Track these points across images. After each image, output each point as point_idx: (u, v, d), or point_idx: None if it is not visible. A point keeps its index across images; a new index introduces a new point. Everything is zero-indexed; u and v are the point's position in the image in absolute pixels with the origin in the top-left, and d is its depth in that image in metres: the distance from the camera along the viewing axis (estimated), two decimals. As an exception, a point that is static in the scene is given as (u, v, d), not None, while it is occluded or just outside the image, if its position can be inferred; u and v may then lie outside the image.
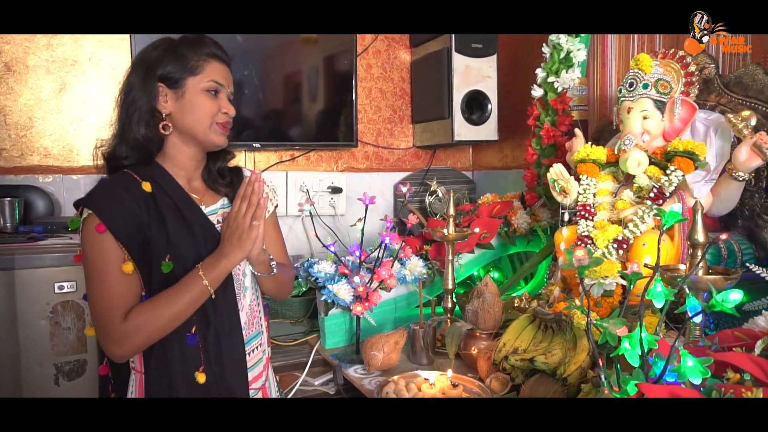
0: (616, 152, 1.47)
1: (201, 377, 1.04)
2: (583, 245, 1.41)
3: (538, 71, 1.89)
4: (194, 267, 1.03)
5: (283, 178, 2.40)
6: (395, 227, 1.69)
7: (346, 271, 1.59)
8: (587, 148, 1.50)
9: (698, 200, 1.16)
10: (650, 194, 1.38)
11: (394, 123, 2.69)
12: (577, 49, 1.81)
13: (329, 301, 1.58)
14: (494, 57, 2.38)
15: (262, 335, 1.21)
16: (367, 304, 1.53)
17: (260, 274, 1.16)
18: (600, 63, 1.96)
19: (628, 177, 1.46)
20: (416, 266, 1.70)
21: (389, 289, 1.64)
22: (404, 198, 2.52)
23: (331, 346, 1.65)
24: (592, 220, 1.45)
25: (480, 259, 1.90)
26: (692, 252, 1.10)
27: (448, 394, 1.20)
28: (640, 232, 1.35)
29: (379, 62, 2.63)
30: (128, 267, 1.00)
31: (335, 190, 2.48)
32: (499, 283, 1.95)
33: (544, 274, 1.87)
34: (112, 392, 1.13)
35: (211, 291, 1.03)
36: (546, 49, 1.87)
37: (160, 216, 1.04)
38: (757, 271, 1.26)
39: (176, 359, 1.04)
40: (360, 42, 2.52)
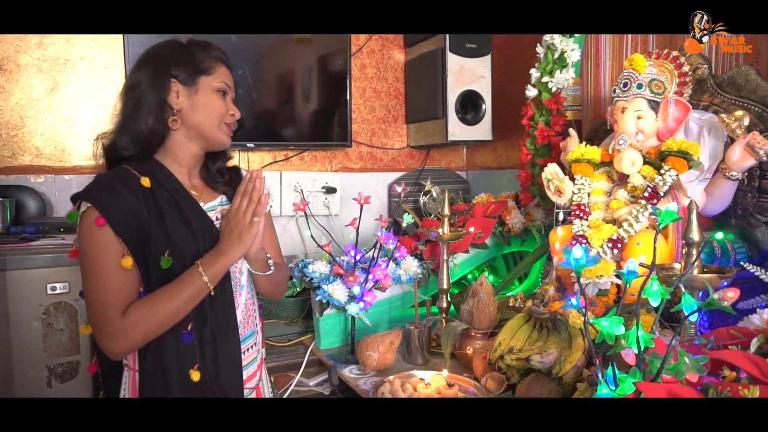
0: (611, 152, 1.47)
1: (195, 375, 1.03)
2: (578, 244, 1.41)
3: (533, 71, 1.90)
4: (193, 263, 1.03)
5: (277, 178, 2.40)
6: (390, 227, 1.69)
7: (341, 271, 1.59)
8: (582, 148, 1.51)
9: (693, 199, 1.17)
10: (644, 194, 1.39)
11: (388, 123, 2.69)
12: (571, 50, 1.81)
13: (324, 301, 1.58)
14: (488, 57, 2.38)
15: (256, 335, 1.21)
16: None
17: (257, 272, 1.16)
18: (594, 63, 1.97)
19: (622, 176, 1.47)
20: (411, 266, 1.70)
21: (384, 289, 1.64)
22: (399, 198, 2.52)
23: (326, 347, 1.65)
24: (586, 219, 1.46)
25: (475, 259, 1.90)
26: (687, 251, 1.11)
27: (444, 394, 1.20)
28: (635, 232, 1.35)
29: (374, 62, 2.63)
30: (128, 262, 0.99)
31: (329, 190, 2.47)
32: (494, 283, 1.96)
33: (538, 274, 1.88)
34: (102, 391, 1.11)
35: (211, 288, 1.03)
36: (540, 49, 1.87)
37: (159, 211, 1.04)
38: (752, 270, 1.27)
39: (172, 357, 1.03)
40: (354, 42, 2.52)
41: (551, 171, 1.56)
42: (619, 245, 1.37)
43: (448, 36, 2.29)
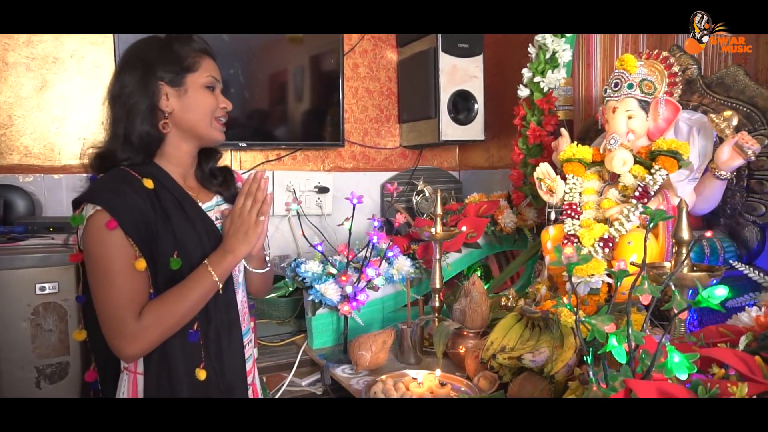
0: (602, 151, 1.48)
1: (202, 374, 1.04)
2: (570, 243, 1.42)
3: (524, 71, 1.90)
4: (200, 263, 1.03)
5: (269, 178, 2.39)
6: (383, 227, 1.69)
7: (333, 270, 1.59)
8: (573, 148, 1.52)
9: (683, 199, 1.18)
10: (635, 193, 1.40)
11: (380, 123, 2.68)
12: (563, 50, 1.82)
13: (316, 300, 1.58)
14: (480, 57, 2.38)
15: (251, 332, 1.23)
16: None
17: (255, 270, 1.18)
18: (585, 63, 1.98)
19: (613, 176, 1.48)
20: (404, 265, 1.70)
21: (377, 289, 1.64)
22: (391, 197, 2.52)
23: (318, 346, 1.64)
24: (578, 218, 1.47)
25: (467, 258, 1.91)
26: (677, 249, 1.11)
27: (436, 394, 1.20)
28: (626, 231, 1.36)
29: (366, 62, 2.63)
30: (141, 264, 0.98)
31: (322, 189, 2.47)
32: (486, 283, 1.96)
33: (530, 273, 1.88)
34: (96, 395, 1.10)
35: (220, 286, 1.04)
36: (532, 49, 1.88)
37: (165, 212, 1.03)
38: (740, 268, 1.28)
39: (178, 357, 1.03)
40: (347, 41, 2.51)
41: (543, 170, 1.57)
42: (611, 244, 1.38)
43: (440, 36, 2.29)
